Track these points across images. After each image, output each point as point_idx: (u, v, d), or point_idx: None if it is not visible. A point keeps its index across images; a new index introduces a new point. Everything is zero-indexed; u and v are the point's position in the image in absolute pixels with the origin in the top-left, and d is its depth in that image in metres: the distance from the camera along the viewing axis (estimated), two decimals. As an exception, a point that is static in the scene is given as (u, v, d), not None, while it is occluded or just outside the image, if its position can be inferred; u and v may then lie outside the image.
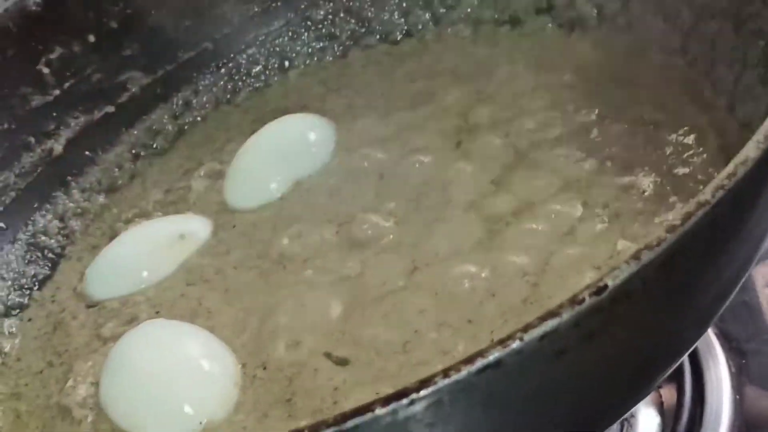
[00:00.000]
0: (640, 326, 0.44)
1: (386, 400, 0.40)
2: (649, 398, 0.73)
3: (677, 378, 0.72)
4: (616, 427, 0.72)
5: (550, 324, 0.40)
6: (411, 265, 0.64)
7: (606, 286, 0.40)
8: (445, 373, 0.39)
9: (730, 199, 0.42)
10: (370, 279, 0.64)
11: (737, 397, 0.71)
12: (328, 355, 0.60)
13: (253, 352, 0.62)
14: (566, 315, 0.40)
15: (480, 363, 0.39)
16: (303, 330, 0.63)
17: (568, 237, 0.61)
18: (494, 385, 0.40)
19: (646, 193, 0.62)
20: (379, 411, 0.39)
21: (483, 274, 0.60)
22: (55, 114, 0.86)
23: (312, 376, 0.59)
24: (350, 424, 0.40)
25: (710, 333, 0.75)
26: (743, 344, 0.75)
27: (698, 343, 0.71)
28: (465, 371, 0.39)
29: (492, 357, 0.39)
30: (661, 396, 0.73)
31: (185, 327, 0.65)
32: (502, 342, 0.40)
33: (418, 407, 0.39)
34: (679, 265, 0.42)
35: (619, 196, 0.62)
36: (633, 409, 0.73)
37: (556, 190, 0.65)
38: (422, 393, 0.39)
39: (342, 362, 0.59)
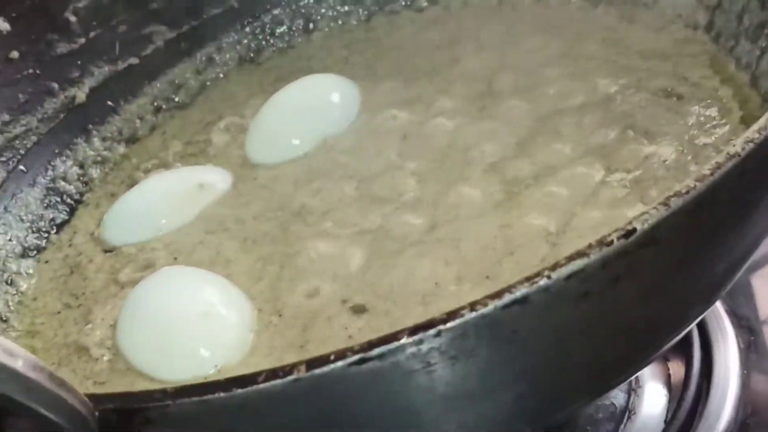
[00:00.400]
0: (663, 274, 0.45)
1: (413, 330, 0.40)
2: (656, 371, 0.74)
3: (686, 352, 0.72)
4: (623, 397, 0.72)
5: (578, 264, 0.40)
6: (431, 222, 0.64)
7: (634, 230, 0.41)
8: (472, 306, 0.40)
9: (760, 153, 0.43)
10: (389, 233, 0.65)
11: (745, 372, 0.72)
12: (344, 302, 0.60)
13: (269, 299, 0.63)
14: (594, 256, 0.40)
15: (507, 298, 0.40)
16: (321, 278, 0.63)
17: (588, 200, 0.61)
18: (519, 321, 0.41)
19: (667, 162, 0.62)
20: (405, 340, 0.40)
21: (502, 233, 0.61)
22: (79, 62, 0.86)
23: (327, 324, 0.59)
24: (376, 351, 0.40)
25: (721, 309, 0.75)
26: (753, 322, 0.76)
27: (708, 319, 0.72)
28: (492, 305, 0.40)
29: (519, 293, 0.40)
30: (668, 369, 0.74)
31: (203, 274, 0.65)
32: (530, 279, 0.40)
33: (443, 339, 0.40)
34: (706, 214, 0.43)
35: (640, 163, 0.63)
36: (641, 381, 0.73)
37: (578, 156, 0.65)
38: (449, 325, 0.40)
39: (359, 310, 0.59)
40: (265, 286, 0.64)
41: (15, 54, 0.81)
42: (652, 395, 0.72)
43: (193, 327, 0.60)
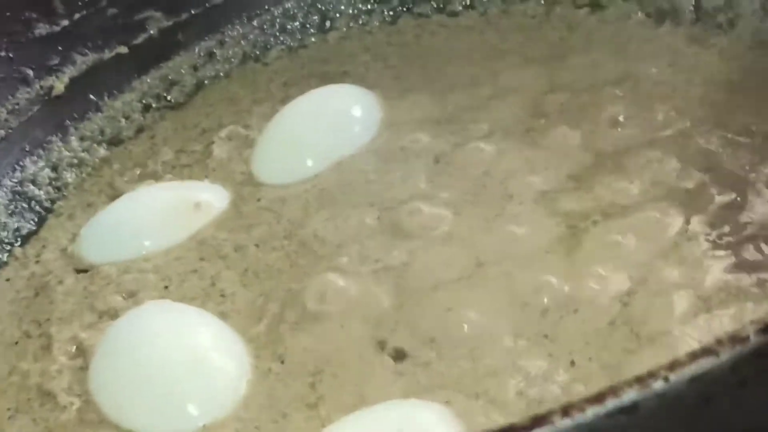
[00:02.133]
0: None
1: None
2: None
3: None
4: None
5: (704, 364, 0.34)
6: (473, 261, 0.60)
7: (775, 324, 0.34)
8: (565, 411, 0.34)
9: None
10: (420, 271, 0.61)
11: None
12: (381, 345, 0.56)
13: (268, 342, 0.59)
14: (725, 355, 0.34)
15: (612, 404, 0.34)
16: (334, 319, 0.59)
17: (666, 254, 0.56)
18: (621, 432, 0.35)
19: (755, 218, 0.56)
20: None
21: (562, 284, 0.56)
22: (60, 48, 0.81)
23: (341, 375, 0.56)
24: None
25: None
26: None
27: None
28: (591, 412, 0.34)
29: (627, 398, 0.34)
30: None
31: (194, 312, 0.62)
32: (641, 380, 0.34)
33: (524, 450, 0.34)
34: None
35: (724, 216, 0.57)
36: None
37: (650, 199, 0.60)
38: (535, 432, 0.34)
39: (398, 355, 0.55)
40: (264, 328, 0.61)
41: (-15, 34, 0.77)
42: None
43: (180, 376, 0.57)
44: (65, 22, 0.81)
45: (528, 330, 0.54)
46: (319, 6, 0.90)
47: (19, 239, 0.74)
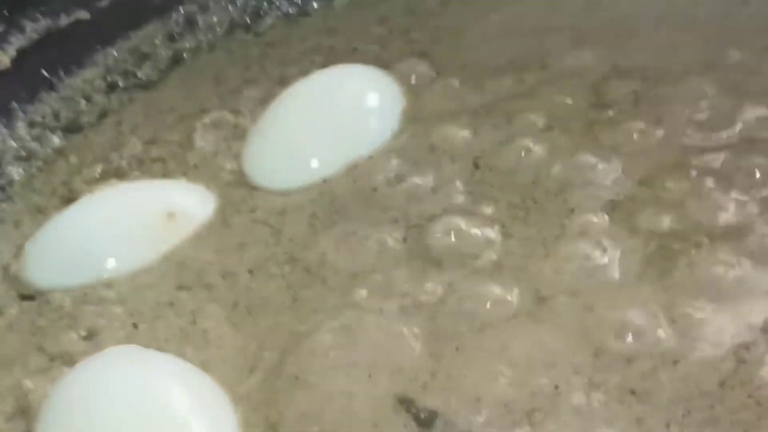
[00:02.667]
0: None
1: None
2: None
3: None
4: None
5: None
6: (532, 295, 0.53)
7: None
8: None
9: None
10: (461, 309, 0.54)
11: None
12: (404, 404, 0.49)
13: (260, 404, 0.52)
14: None
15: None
16: (352, 373, 0.52)
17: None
18: None
19: None
20: None
21: (658, 326, 0.50)
22: (5, 12, 0.75)
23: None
24: None
25: None
26: None
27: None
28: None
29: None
30: None
31: (169, 362, 0.55)
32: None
33: None
34: None
35: None
36: None
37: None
38: None
39: (425, 422, 0.48)
40: (257, 383, 0.53)
41: None
42: None
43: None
44: (12, -20, 0.75)
45: (606, 384, 0.48)
46: (325, -35, 0.85)
47: (-48, 253, 0.67)
